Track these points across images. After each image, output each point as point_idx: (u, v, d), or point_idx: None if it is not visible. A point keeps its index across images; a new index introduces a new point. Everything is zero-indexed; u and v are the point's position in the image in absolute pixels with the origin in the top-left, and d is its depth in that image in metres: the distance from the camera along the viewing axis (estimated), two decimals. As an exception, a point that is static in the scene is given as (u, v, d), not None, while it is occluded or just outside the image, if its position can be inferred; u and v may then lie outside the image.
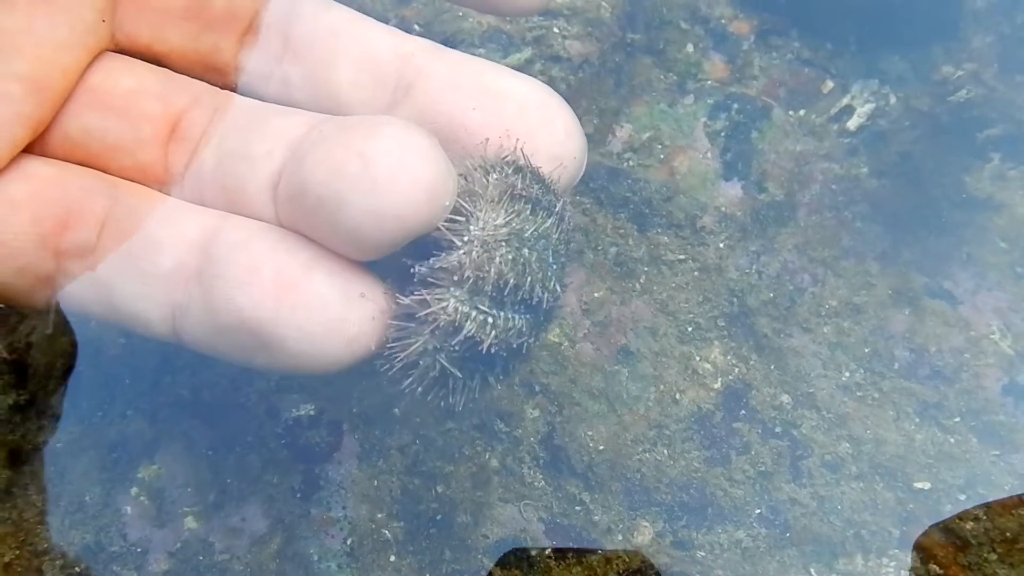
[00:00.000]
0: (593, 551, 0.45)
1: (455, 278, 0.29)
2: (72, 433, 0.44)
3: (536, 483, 0.47)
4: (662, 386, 0.50)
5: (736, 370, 0.50)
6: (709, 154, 0.56)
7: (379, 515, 0.45)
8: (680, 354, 0.50)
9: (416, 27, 0.56)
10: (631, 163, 0.55)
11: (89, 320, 0.32)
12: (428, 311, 0.29)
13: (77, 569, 0.41)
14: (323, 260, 0.29)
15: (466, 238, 0.29)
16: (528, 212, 0.30)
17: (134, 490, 0.44)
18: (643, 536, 0.46)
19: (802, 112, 0.58)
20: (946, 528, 0.46)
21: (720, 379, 0.50)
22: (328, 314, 0.29)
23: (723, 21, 0.59)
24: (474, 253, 0.29)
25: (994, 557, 0.44)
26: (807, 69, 0.59)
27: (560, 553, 0.45)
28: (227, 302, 0.28)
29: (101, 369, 0.45)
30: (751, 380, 0.50)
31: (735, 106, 0.57)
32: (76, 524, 0.42)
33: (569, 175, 0.32)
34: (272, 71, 0.34)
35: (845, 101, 0.58)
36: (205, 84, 0.33)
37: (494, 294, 0.29)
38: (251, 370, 0.32)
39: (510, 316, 0.30)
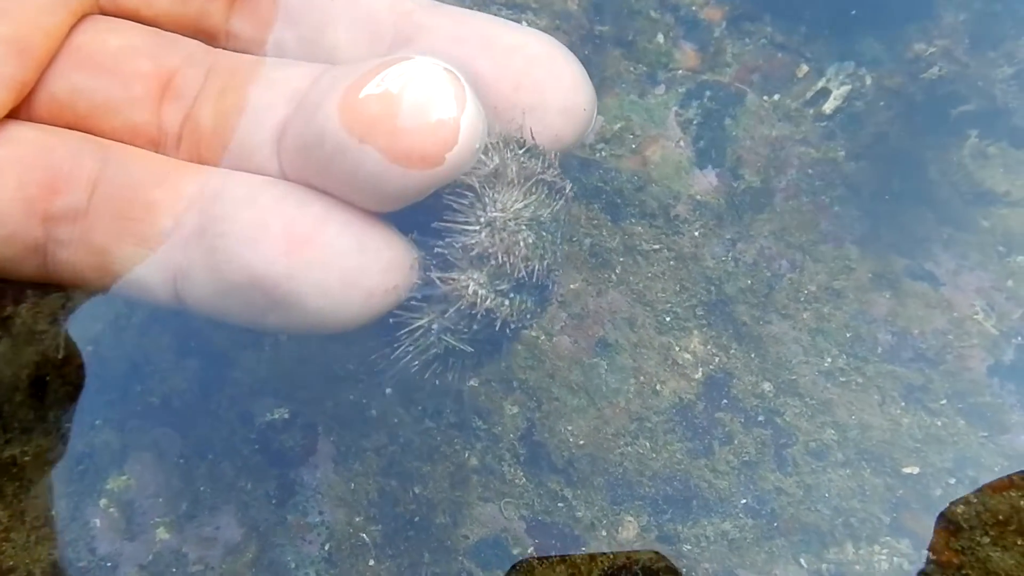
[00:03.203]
0: (577, 548, 0.44)
1: (474, 258, 0.28)
2: (38, 445, 0.43)
3: (516, 481, 0.46)
4: (642, 378, 0.49)
5: (716, 359, 0.50)
6: (682, 143, 0.55)
7: (356, 519, 0.44)
8: (659, 344, 0.50)
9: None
10: (603, 154, 0.55)
11: (86, 289, 0.31)
12: (448, 290, 0.28)
13: (43, 585, 0.40)
14: (336, 211, 0.28)
15: (485, 218, 0.28)
16: (544, 195, 0.30)
17: (103, 502, 0.43)
18: (628, 531, 0.45)
19: (776, 97, 0.57)
20: (937, 513, 0.45)
21: (700, 369, 0.49)
22: (345, 267, 0.27)
23: (694, 8, 0.58)
24: (498, 236, 0.28)
25: (987, 540, 0.43)
26: (781, 53, 0.58)
27: (543, 551, 0.44)
28: (234, 261, 0.27)
29: (68, 379, 0.44)
30: (732, 369, 0.50)
31: (708, 93, 0.57)
32: (42, 539, 0.41)
33: (580, 128, 0.31)
34: (264, 36, 0.33)
35: (821, 84, 0.57)
36: (198, 43, 0.32)
37: (514, 277, 0.29)
38: (262, 330, 0.30)
39: (524, 298, 0.30)
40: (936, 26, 0.52)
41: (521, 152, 0.29)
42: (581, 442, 0.47)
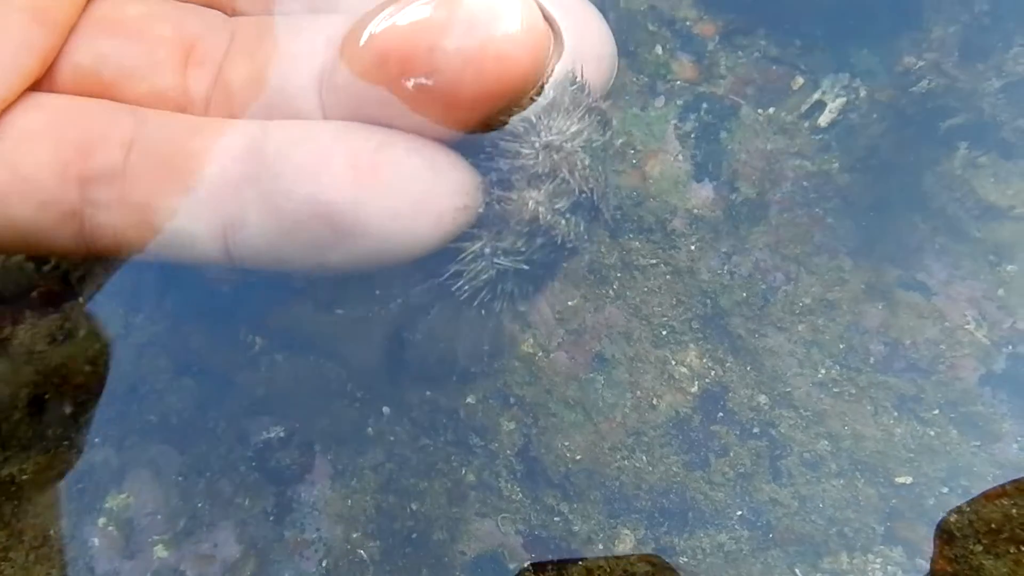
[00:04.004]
0: (574, 562, 0.45)
1: (531, 178, 0.28)
2: (37, 464, 0.43)
3: (513, 496, 0.46)
4: (638, 392, 0.49)
5: (712, 372, 0.50)
6: (680, 156, 0.55)
7: (354, 535, 0.45)
8: (655, 359, 0.50)
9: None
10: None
11: (125, 249, 0.29)
12: (507, 209, 0.28)
13: (42, 606, 0.40)
14: (399, 137, 0.27)
15: (540, 142, 0.28)
16: (596, 123, 0.30)
17: (101, 520, 0.43)
18: (624, 544, 0.46)
19: (771, 110, 0.57)
20: (930, 522, 0.46)
21: (697, 382, 0.50)
22: (414, 189, 0.26)
23: (688, 23, 0.59)
24: (559, 155, 0.28)
25: (979, 549, 0.43)
26: (775, 66, 0.58)
27: (540, 566, 0.44)
28: (297, 195, 0.26)
29: (66, 398, 0.44)
30: (728, 382, 0.50)
31: (704, 106, 0.57)
32: (41, 558, 0.41)
33: (608, 75, 0.32)
34: (270, 8, 0.32)
35: (816, 96, 0.58)
36: (216, 11, 0.32)
37: (574, 194, 0.29)
38: (320, 271, 0.28)
39: (578, 219, 0.30)
40: (926, 39, 0.53)
41: (572, 87, 0.30)
42: (578, 457, 0.47)
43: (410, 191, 0.27)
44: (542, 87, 0.29)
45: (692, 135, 0.56)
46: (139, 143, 0.28)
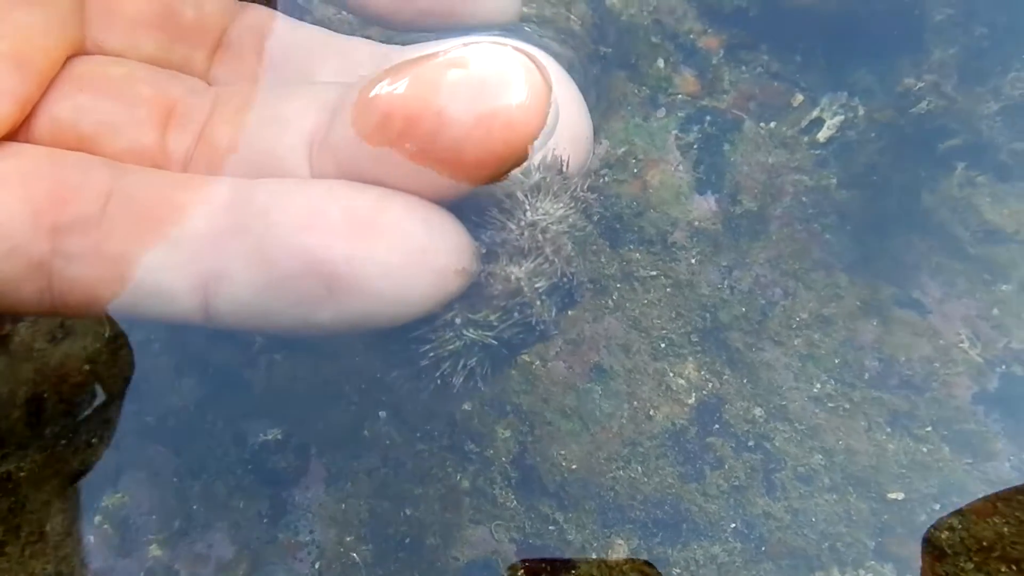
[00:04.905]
0: (567, 570, 0.45)
1: (513, 254, 0.28)
2: (34, 462, 0.43)
3: (508, 503, 0.46)
4: (635, 403, 0.50)
5: (709, 385, 0.50)
6: (681, 167, 0.56)
7: (347, 538, 0.45)
8: (653, 370, 0.50)
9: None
10: (606, 179, 0.55)
11: (97, 306, 0.28)
12: (491, 280, 0.28)
13: (36, 603, 0.40)
14: (396, 195, 0.26)
15: (526, 221, 0.28)
16: (580, 212, 0.30)
17: (97, 519, 0.43)
18: (618, 554, 0.46)
19: (773, 124, 0.58)
20: (921, 538, 0.46)
21: (694, 394, 0.50)
22: (412, 244, 0.25)
23: (692, 36, 0.59)
24: (544, 236, 0.28)
25: (970, 566, 0.44)
26: (776, 82, 0.59)
27: (532, 573, 0.44)
28: (287, 248, 0.25)
29: (64, 397, 0.44)
30: (724, 394, 0.50)
31: (707, 119, 0.57)
32: (36, 554, 0.41)
33: (584, 156, 0.31)
34: (251, 78, 0.32)
35: (815, 113, 0.58)
36: (196, 79, 0.32)
37: (553, 276, 0.29)
38: (306, 332, 0.27)
39: (552, 303, 0.30)
40: (926, 60, 0.54)
41: (558, 173, 0.30)
42: (573, 466, 0.48)
43: (408, 249, 0.26)
44: (528, 167, 0.28)
45: (694, 147, 0.56)
46: (117, 194, 0.27)
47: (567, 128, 0.30)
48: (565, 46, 0.55)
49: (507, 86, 0.25)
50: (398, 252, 0.25)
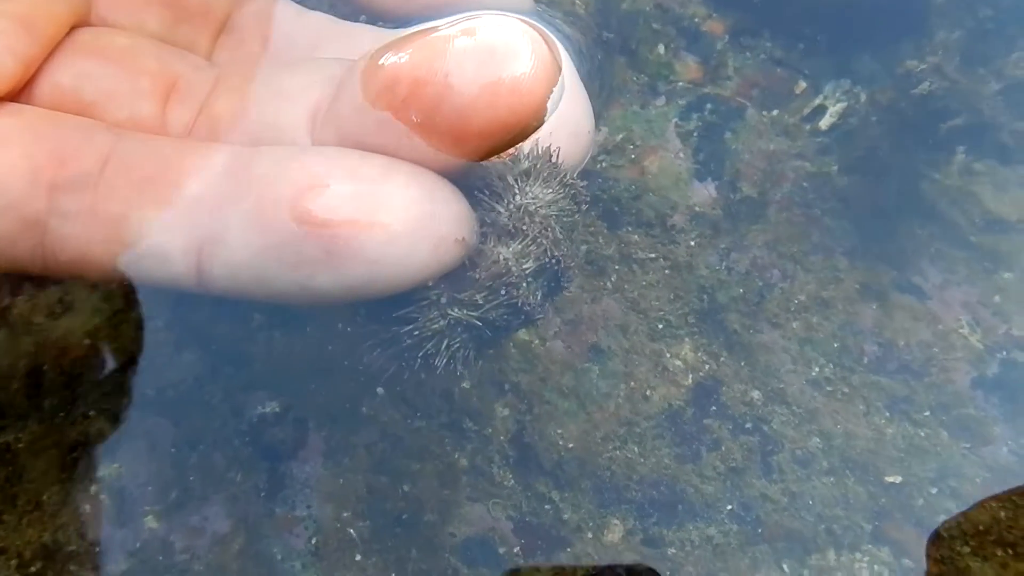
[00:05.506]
0: (562, 548, 0.45)
1: (501, 234, 0.28)
2: (32, 432, 0.43)
3: (505, 482, 0.47)
4: (633, 383, 0.50)
5: (707, 366, 0.50)
6: (681, 154, 0.56)
7: (344, 514, 0.45)
8: (651, 351, 0.50)
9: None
10: (604, 164, 0.55)
11: (85, 277, 0.28)
12: (478, 260, 0.28)
13: (33, 569, 0.41)
14: (400, 163, 0.26)
15: (515, 204, 0.28)
16: (570, 200, 0.30)
17: (93, 488, 0.44)
18: (613, 534, 0.46)
19: (775, 112, 0.58)
20: (918, 522, 0.46)
21: (691, 376, 0.50)
22: (415, 211, 0.25)
23: (696, 20, 0.59)
24: (532, 219, 0.28)
25: (967, 550, 0.44)
26: (779, 69, 0.59)
27: (529, 552, 0.45)
28: (288, 210, 0.25)
29: (64, 369, 0.44)
30: (722, 376, 0.50)
31: (709, 106, 0.57)
32: (33, 523, 0.41)
33: (585, 151, 0.31)
34: (251, 59, 0.33)
35: (818, 101, 0.58)
36: (202, 59, 0.32)
37: (541, 258, 0.29)
38: (299, 297, 0.27)
39: (538, 286, 0.30)
40: (929, 43, 0.54)
41: (550, 161, 0.30)
42: (570, 445, 0.48)
43: (411, 216, 0.26)
44: (518, 155, 0.29)
45: (694, 134, 0.56)
46: (116, 157, 0.28)
47: (568, 123, 0.30)
48: (574, 28, 0.55)
49: (514, 55, 0.25)
50: (401, 218, 0.25)
